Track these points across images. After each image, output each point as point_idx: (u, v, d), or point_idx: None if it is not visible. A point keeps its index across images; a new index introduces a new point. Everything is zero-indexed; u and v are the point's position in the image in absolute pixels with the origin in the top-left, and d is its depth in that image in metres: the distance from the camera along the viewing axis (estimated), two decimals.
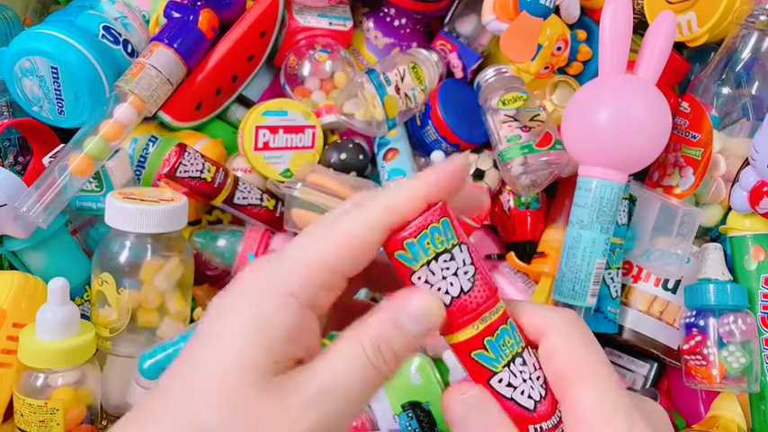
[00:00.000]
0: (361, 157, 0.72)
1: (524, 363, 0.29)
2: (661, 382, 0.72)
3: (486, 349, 0.29)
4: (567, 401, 0.28)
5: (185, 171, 0.64)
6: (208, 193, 0.66)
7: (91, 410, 0.58)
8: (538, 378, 0.29)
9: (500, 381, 0.29)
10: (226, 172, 0.67)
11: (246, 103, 0.77)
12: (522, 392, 0.29)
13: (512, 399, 0.29)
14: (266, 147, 0.70)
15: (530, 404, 0.29)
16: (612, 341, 0.71)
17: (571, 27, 0.70)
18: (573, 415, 0.28)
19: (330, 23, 0.76)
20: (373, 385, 0.27)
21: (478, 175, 0.72)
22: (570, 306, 0.63)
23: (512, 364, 0.29)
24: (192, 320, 0.65)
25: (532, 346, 0.30)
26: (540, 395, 0.29)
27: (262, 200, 0.70)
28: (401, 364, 0.28)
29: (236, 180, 0.68)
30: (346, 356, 0.27)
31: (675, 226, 0.65)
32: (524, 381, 0.29)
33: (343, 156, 0.71)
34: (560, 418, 0.29)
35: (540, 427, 0.29)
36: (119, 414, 0.64)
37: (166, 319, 0.61)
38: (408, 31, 0.79)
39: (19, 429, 0.56)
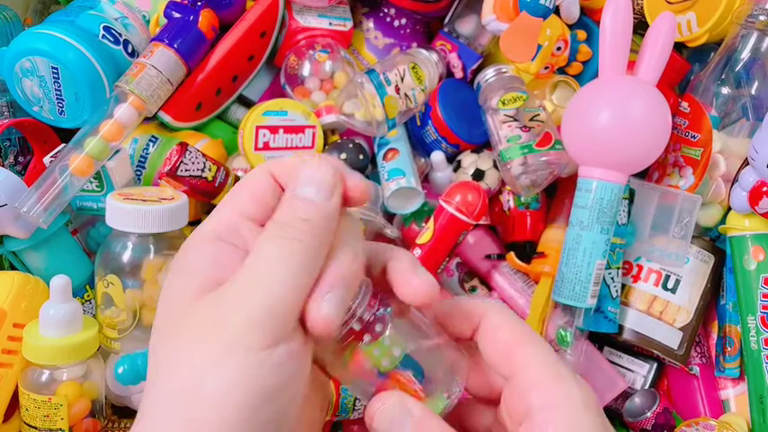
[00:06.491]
0: (361, 157, 0.72)
1: None
2: (660, 382, 0.73)
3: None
4: (515, 364, 0.31)
5: (186, 170, 0.64)
6: (208, 192, 0.66)
7: (95, 404, 0.59)
8: None
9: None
10: (227, 171, 0.67)
11: (247, 103, 0.77)
12: None
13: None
14: (266, 147, 0.70)
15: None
16: (612, 341, 0.71)
17: (571, 27, 0.71)
18: (526, 377, 0.30)
19: (330, 24, 0.76)
20: (293, 257, 0.28)
21: (478, 175, 0.72)
22: (570, 307, 0.63)
23: None
24: None
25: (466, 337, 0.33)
26: None
27: None
28: (320, 231, 0.29)
29: (237, 179, 0.68)
30: (260, 248, 0.28)
31: (675, 213, 0.66)
32: None
33: (343, 156, 0.71)
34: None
35: None
36: (122, 404, 0.64)
37: None
38: (408, 31, 0.79)
39: (24, 423, 0.57)
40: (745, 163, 0.65)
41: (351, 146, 0.72)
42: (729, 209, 0.67)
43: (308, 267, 0.28)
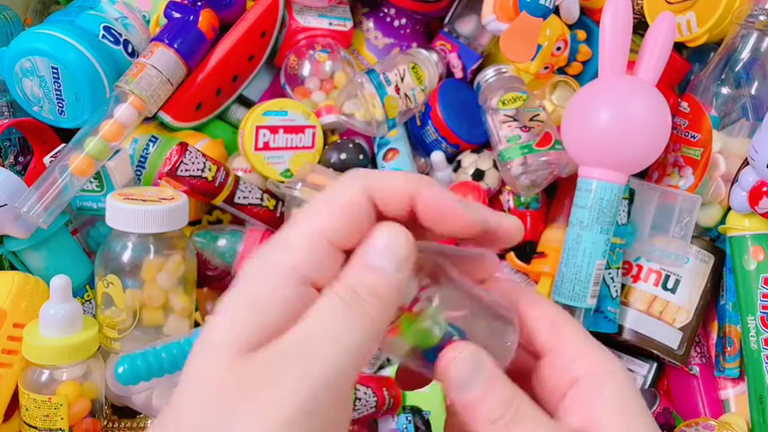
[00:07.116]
0: (361, 157, 0.72)
1: None
2: (660, 382, 0.73)
3: None
4: (559, 337, 0.32)
5: (186, 170, 0.64)
6: (209, 191, 0.66)
7: (95, 404, 0.59)
8: None
9: None
10: (227, 171, 0.67)
11: (247, 103, 0.77)
12: None
13: None
14: (266, 147, 0.70)
15: None
16: (612, 341, 0.71)
17: (571, 27, 0.71)
18: (569, 349, 0.32)
19: (330, 24, 0.76)
20: (361, 330, 0.26)
21: (478, 175, 0.72)
22: (570, 307, 0.63)
23: None
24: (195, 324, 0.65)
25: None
26: None
27: (262, 200, 0.70)
28: (388, 305, 0.27)
29: (237, 179, 0.68)
30: (323, 308, 0.26)
31: (675, 213, 0.66)
32: None
33: (343, 156, 0.71)
34: None
35: None
36: (122, 403, 0.64)
37: (172, 315, 0.61)
38: (408, 31, 0.79)
39: (24, 423, 0.57)
40: (745, 163, 0.65)
41: (351, 146, 0.72)
42: (729, 209, 0.67)
43: (374, 341, 0.27)
